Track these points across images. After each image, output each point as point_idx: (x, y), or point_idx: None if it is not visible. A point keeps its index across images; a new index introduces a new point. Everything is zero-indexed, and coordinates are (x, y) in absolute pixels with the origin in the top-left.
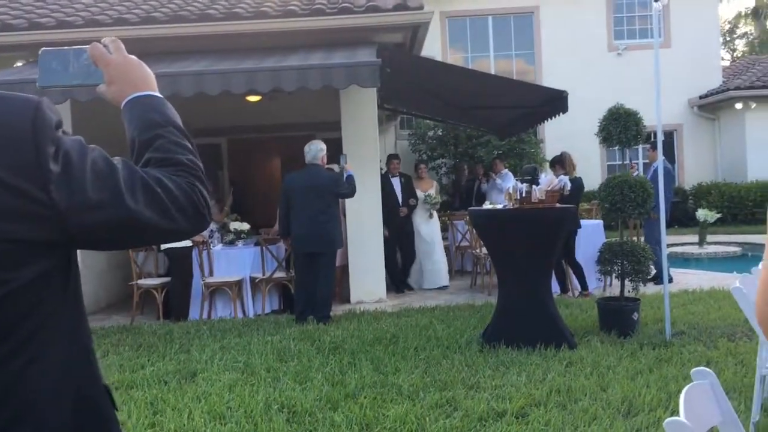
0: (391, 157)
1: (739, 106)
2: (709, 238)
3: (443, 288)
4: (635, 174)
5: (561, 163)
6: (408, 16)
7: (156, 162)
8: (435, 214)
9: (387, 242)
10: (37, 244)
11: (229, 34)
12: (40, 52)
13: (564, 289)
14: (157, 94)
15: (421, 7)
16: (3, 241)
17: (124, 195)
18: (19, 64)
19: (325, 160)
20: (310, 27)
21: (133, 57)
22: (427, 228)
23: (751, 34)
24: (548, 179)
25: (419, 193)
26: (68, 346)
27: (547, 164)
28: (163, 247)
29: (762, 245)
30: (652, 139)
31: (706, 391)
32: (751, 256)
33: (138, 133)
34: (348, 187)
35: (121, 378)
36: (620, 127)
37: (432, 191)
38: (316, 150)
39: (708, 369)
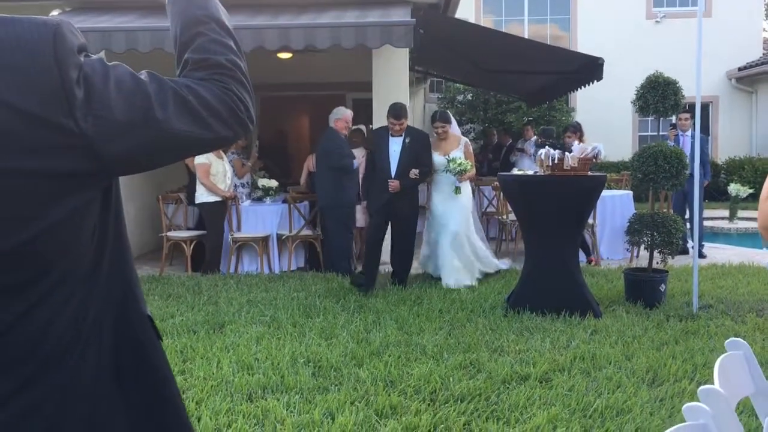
0: (394, 111)
1: None
2: (740, 213)
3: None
4: (676, 137)
5: (574, 129)
6: None
7: (194, 63)
8: (468, 187)
9: (369, 230)
10: (71, 177)
11: None
12: None
13: (587, 257)
14: None
15: None
16: (34, 176)
17: (155, 110)
18: (55, 13)
19: (340, 125)
20: None
21: None
22: (451, 208)
23: None
24: (581, 146)
25: (438, 158)
26: (108, 278)
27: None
28: (196, 201)
29: None
30: (686, 108)
31: (740, 362)
32: None
33: (180, 31)
34: (339, 161)
35: None
36: (658, 96)
37: (457, 153)
38: (333, 114)
39: (742, 340)
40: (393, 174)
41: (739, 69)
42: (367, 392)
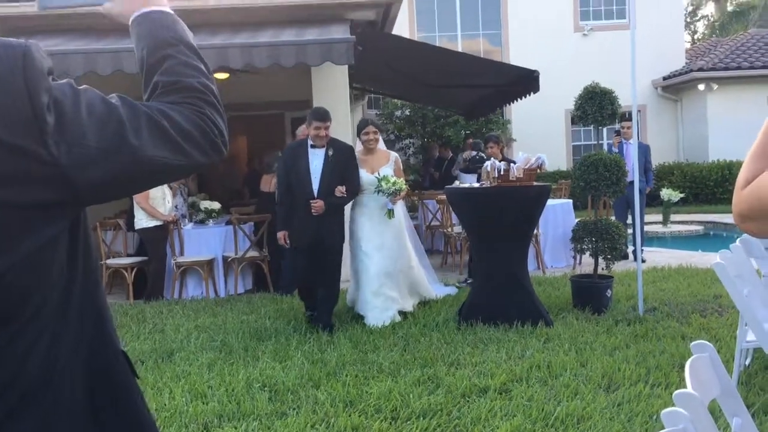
0: (317, 114)
1: (701, 87)
2: (673, 217)
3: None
4: (621, 145)
5: (496, 140)
6: None
7: (164, 86)
8: (400, 208)
9: (283, 255)
10: (43, 206)
11: (197, 9)
12: None
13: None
14: (168, 9)
15: None
16: (5, 206)
17: (129, 136)
18: None
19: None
20: (281, 3)
21: None
22: (381, 234)
23: (712, 16)
24: (525, 157)
25: (367, 176)
26: (80, 315)
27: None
28: (136, 227)
29: (722, 224)
30: (626, 118)
31: (707, 364)
32: (713, 235)
33: (147, 54)
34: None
35: None
36: (596, 106)
37: (387, 170)
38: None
39: (706, 342)
40: (315, 193)
41: (664, 78)
42: (326, 414)
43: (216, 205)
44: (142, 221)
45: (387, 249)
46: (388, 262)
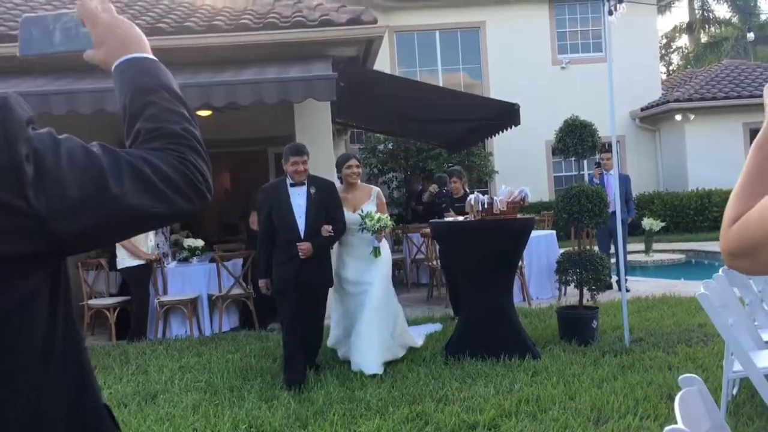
0: (294, 149)
1: (678, 117)
2: (654, 246)
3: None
4: (602, 176)
5: (459, 175)
6: (361, 30)
7: (147, 133)
8: (386, 245)
9: (265, 304)
10: (23, 259)
11: (180, 47)
12: (20, 19)
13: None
14: (151, 55)
15: (374, 22)
16: None
17: (110, 185)
18: None
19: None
20: (263, 41)
21: (122, 17)
22: (369, 274)
23: (686, 47)
24: (508, 190)
25: (350, 215)
26: (61, 367)
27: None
28: (118, 266)
29: (703, 252)
30: (606, 148)
31: (696, 397)
32: (695, 263)
33: (129, 101)
34: None
35: None
36: (576, 139)
37: (370, 206)
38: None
39: (694, 375)
40: (302, 234)
41: (642, 109)
42: None
43: (199, 243)
44: (124, 260)
45: (377, 290)
46: (378, 303)
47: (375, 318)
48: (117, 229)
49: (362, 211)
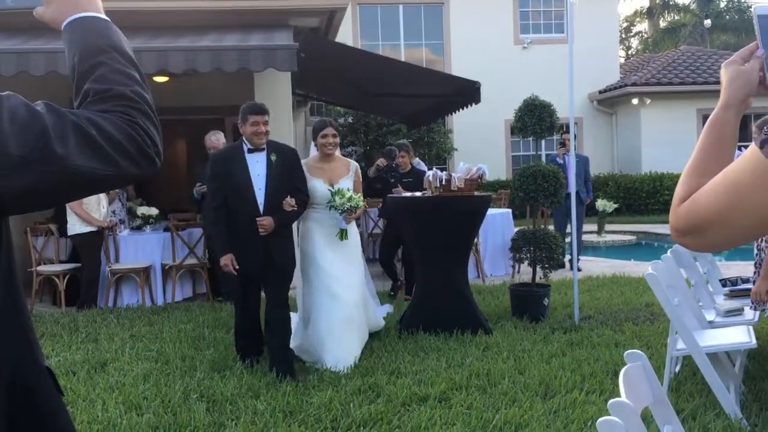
0: (253, 107)
1: (635, 101)
2: (607, 227)
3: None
4: (565, 156)
5: (407, 149)
6: (324, 0)
7: (95, 94)
8: (354, 228)
9: (233, 287)
10: None
11: (138, 10)
12: None
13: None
14: (102, 15)
15: None
16: None
17: (54, 145)
18: None
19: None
20: (224, 7)
21: None
22: (341, 257)
23: (646, 32)
24: (466, 167)
25: (318, 185)
26: (2, 331)
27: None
28: (69, 233)
29: (653, 234)
30: (565, 130)
31: (640, 373)
32: (645, 245)
33: (78, 60)
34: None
35: None
36: (535, 119)
37: (347, 182)
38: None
39: (639, 351)
40: (261, 208)
41: (600, 92)
42: (266, 425)
43: (153, 211)
44: (75, 227)
45: (350, 281)
46: (352, 301)
47: (351, 305)
48: (60, 190)
49: (334, 187)
